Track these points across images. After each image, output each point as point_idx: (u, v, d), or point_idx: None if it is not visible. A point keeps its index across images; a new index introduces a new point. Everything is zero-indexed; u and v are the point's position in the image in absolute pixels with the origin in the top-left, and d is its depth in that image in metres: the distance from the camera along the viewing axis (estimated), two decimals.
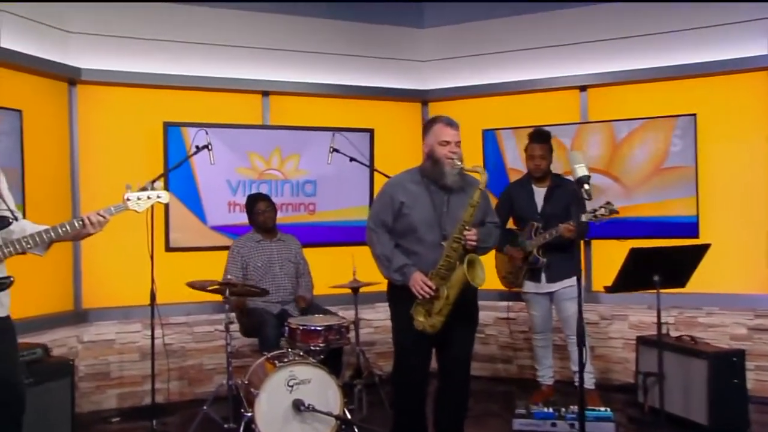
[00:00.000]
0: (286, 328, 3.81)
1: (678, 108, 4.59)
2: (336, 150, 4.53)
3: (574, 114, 4.92)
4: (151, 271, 3.88)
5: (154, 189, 2.81)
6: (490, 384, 4.91)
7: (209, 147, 4.15)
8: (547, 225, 4.04)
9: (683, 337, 4.03)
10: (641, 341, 4.15)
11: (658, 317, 3.35)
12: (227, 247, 4.38)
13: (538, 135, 4.15)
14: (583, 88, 4.87)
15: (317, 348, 3.72)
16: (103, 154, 4.52)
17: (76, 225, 2.59)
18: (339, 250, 4.72)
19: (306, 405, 3.36)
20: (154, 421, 3.90)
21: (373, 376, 4.32)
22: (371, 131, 5.05)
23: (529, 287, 4.20)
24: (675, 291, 3.55)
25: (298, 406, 3.36)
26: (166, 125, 4.54)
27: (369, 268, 3.32)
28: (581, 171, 2.72)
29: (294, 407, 3.36)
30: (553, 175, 4.18)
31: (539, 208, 4.13)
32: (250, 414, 3.37)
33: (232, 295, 3.76)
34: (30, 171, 4.04)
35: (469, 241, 3.03)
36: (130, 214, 2.75)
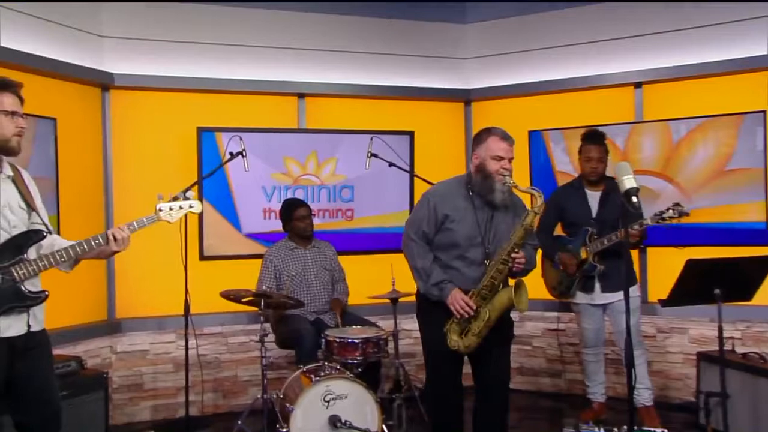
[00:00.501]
0: (323, 340, 3.85)
1: (744, 105, 4.46)
2: (374, 155, 4.55)
3: (628, 113, 4.83)
4: (185, 280, 3.95)
5: (187, 198, 2.85)
6: (536, 399, 4.87)
7: (243, 153, 4.21)
8: (601, 231, 3.97)
9: (750, 354, 3.90)
10: (702, 357, 4.04)
11: (719, 334, 3.26)
12: (262, 256, 4.41)
13: (595, 136, 4.09)
14: (638, 85, 4.79)
15: (355, 361, 3.75)
16: (136, 161, 4.64)
17: (101, 240, 2.65)
18: (378, 258, 4.73)
19: (343, 421, 3.38)
20: None
21: (412, 389, 4.32)
22: (411, 134, 5.06)
23: (581, 298, 4.13)
24: (742, 303, 3.43)
25: (335, 423, 3.38)
26: (200, 130, 4.63)
27: (409, 277, 3.33)
28: (629, 183, 2.69)
29: (330, 424, 3.39)
30: (608, 179, 4.10)
31: (594, 213, 4.05)
32: (284, 430, 3.41)
33: (267, 307, 3.81)
34: (64, 180, 4.18)
35: (517, 265, 3.02)
36: (163, 223, 2.81)
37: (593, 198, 4.09)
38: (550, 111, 5.06)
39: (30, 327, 2.59)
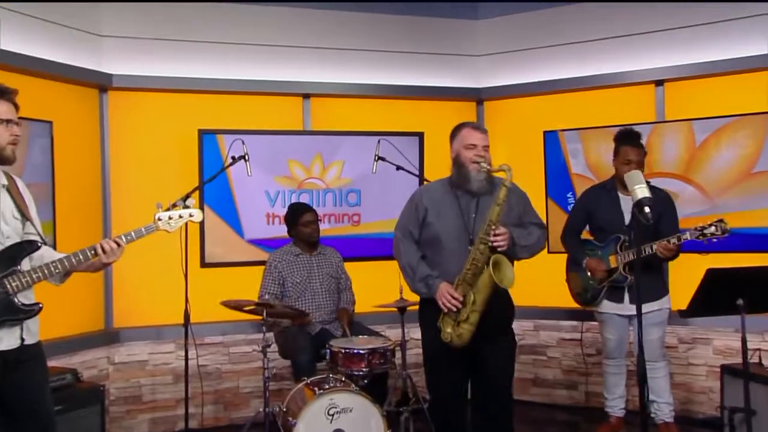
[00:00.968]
0: (328, 351, 3.86)
1: None
2: (381, 158, 4.57)
3: (649, 112, 4.81)
4: (185, 288, 3.97)
5: (187, 206, 2.87)
6: (551, 412, 4.86)
7: (246, 158, 4.24)
8: (633, 239, 3.89)
9: None
10: (726, 370, 4.00)
11: (743, 345, 3.22)
12: (266, 262, 4.43)
13: (632, 136, 4.01)
14: (659, 83, 4.77)
15: (360, 373, 3.76)
16: (135, 165, 4.68)
17: (89, 254, 2.67)
18: (385, 265, 4.67)
19: None
20: None
21: (420, 402, 4.32)
22: (420, 135, 5.06)
23: (607, 307, 4.07)
24: None
25: None
26: (201, 133, 4.66)
27: None
28: (641, 192, 2.71)
29: None
30: None
31: (626, 220, 3.97)
32: None
33: (269, 317, 3.83)
34: (60, 186, 4.22)
35: (496, 241, 3.04)
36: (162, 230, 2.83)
37: (627, 203, 4.00)
38: (565, 110, 5.05)
39: (23, 340, 2.62)
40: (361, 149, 4.89)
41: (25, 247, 2.65)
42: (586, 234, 4.29)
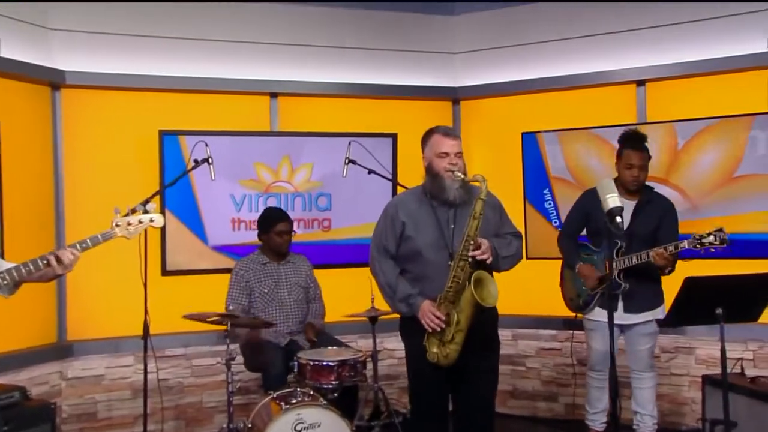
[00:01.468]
0: (296, 363, 3.86)
1: (756, 105, 4.48)
2: (352, 161, 4.58)
3: (630, 113, 4.86)
4: (144, 298, 3.95)
5: (147, 212, 2.85)
6: (530, 425, 4.89)
7: (209, 161, 4.22)
8: (631, 246, 3.90)
9: (760, 379, 3.92)
10: (708, 381, 4.04)
11: (722, 356, 3.27)
12: (231, 270, 4.42)
13: (636, 139, 3.99)
14: (640, 83, 4.82)
15: (329, 386, 3.77)
16: (91, 168, 4.62)
17: (40, 264, 2.63)
18: (356, 272, 4.70)
19: None
20: None
21: (392, 416, 4.34)
22: (394, 136, 5.07)
23: (599, 315, 4.06)
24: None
25: None
26: (162, 134, 4.63)
27: None
28: (613, 202, 2.74)
29: None
30: (645, 187, 4.04)
31: (625, 225, 3.82)
32: None
33: (235, 327, 3.82)
34: (8, 190, 4.15)
35: (479, 257, 3.07)
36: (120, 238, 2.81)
37: (626, 208, 3.82)
38: (544, 111, 5.08)
39: None
40: (331, 151, 4.89)
41: None
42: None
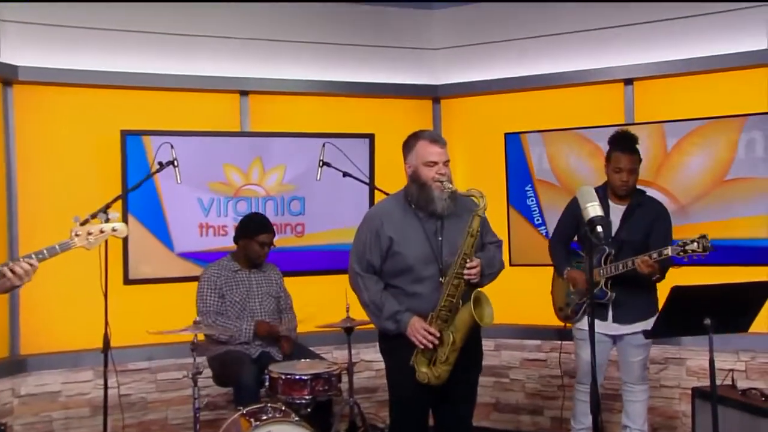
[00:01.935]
0: (267, 377, 3.85)
1: (748, 106, 4.51)
2: (326, 164, 4.57)
3: (617, 113, 4.88)
4: (105, 308, 3.91)
5: (109, 220, 2.83)
6: None
7: (175, 163, 4.20)
8: (620, 253, 3.90)
9: (751, 391, 3.93)
10: (698, 394, 4.06)
11: (711, 368, 3.26)
12: (199, 277, 4.37)
13: (626, 141, 3.98)
14: (628, 82, 4.84)
15: (302, 401, 3.76)
16: (47, 170, 4.57)
17: None
18: (331, 280, 4.74)
19: None
20: None
21: (370, 431, 4.34)
22: (371, 137, 5.08)
23: (587, 324, 3.98)
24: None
25: None
26: (124, 134, 4.59)
27: None
28: (593, 211, 2.75)
29: None
30: (636, 192, 4.05)
31: (614, 231, 3.96)
32: None
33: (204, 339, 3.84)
34: None
35: (469, 276, 3.10)
36: None
37: (616, 213, 4.00)
38: (529, 111, 5.10)
39: None
40: (305, 152, 4.88)
41: None
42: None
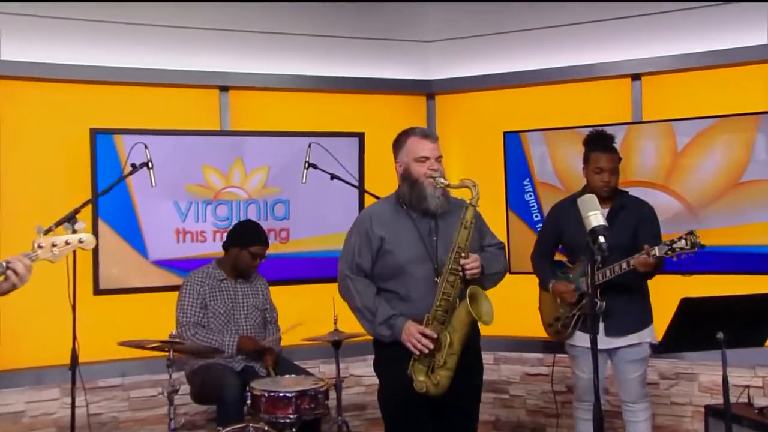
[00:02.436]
0: (249, 394, 3.81)
1: (763, 102, 4.52)
2: (313, 165, 4.57)
3: (624, 111, 4.87)
4: (72, 321, 3.88)
5: (76, 231, 2.83)
6: None
7: (149, 165, 4.18)
8: (606, 259, 3.75)
9: None
10: (711, 412, 4.05)
11: (724, 385, 3.19)
12: (175, 287, 4.37)
13: (604, 140, 4.02)
14: (635, 77, 4.83)
15: (287, 420, 3.73)
16: (7, 173, 4.51)
17: None
18: (318, 289, 4.71)
19: None
20: None
21: None
22: (360, 136, 5.06)
23: (580, 340, 4.04)
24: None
25: None
26: (94, 133, 4.54)
27: None
28: (596, 220, 2.78)
29: None
30: (618, 193, 4.07)
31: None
32: None
33: (178, 353, 3.78)
34: None
35: (468, 271, 3.10)
36: None
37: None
38: (529, 108, 5.10)
39: None
40: (289, 153, 4.87)
41: None
42: None
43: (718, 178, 4.58)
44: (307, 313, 4.55)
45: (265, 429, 3.58)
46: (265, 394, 3.74)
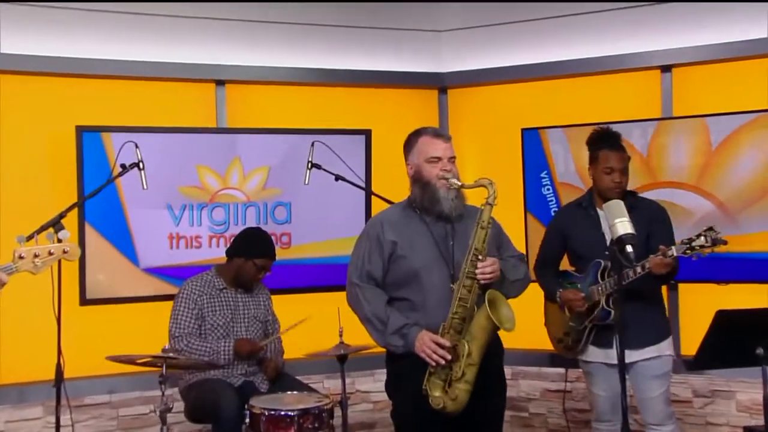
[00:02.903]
0: (248, 413, 3.76)
1: None
2: (316, 165, 4.55)
3: (653, 106, 4.85)
4: (57, 333, 3.83)
5: (60, 240, 2.85)
6: None
7: (140, 166, 4.16)
8: (614, 264, 3.89)
9: None
10: None
11: (765, 403, 3.20)
12: (168, 297, 4.36)
13: (612, 138, 4.00)
14: (666, 68, 4.80)
15: None
16: None
17: None
18: (321, 299, 4.72)
19: None
20: None
21: None
22: (367, 133, 5.05)
23: (593, 355, 4.01)
24: None
25: None
26: (80, 130, 4.52)
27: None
28: (623, 228, 2.77)
29: None
30: (628, 194, 4.03)
31: (608, 241, 3.87)
32: None
33: (170, 368, 3.74)
34: None
35: (484, 274, 3.09)
36: None
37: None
38: (550, 103, 5.10)
39: None
40: (291, 152, 4.87)
41: None
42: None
43: (756, 178, 4.52)
44: (309, 324, 4.46)
45: None
46: (265, 413, 3.70)
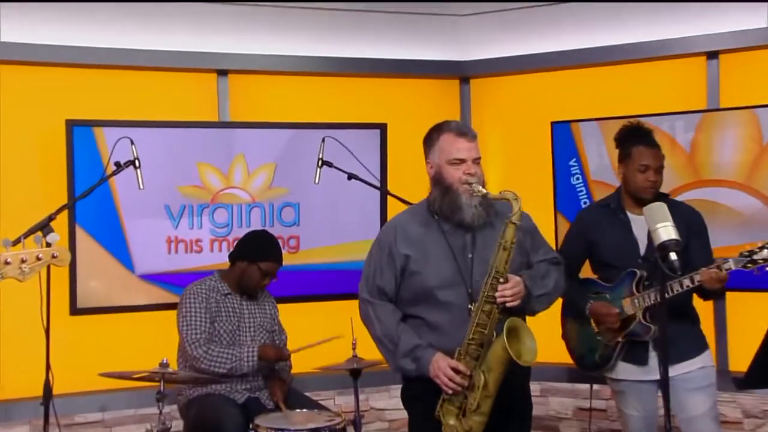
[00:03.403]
0: None
1: None
2: (327, 163, 4.54)
3: (697, 97, 4.82)
4: (46, 347, 3.78)
5: (49, 243, 2.86)
6: None
7: (136, 164, 4.14)
8: (653, 275, 3.77)
9: None
10: None
11: None
12: (166, 306, 4.37)
13: (645, 134, 3.95)
14: (712, 55, 4.78)
15: None
16: None
17: None
18: (332, 308, 4.72)
19: None
20: None
21: None
22: (383, 127, 5.05)
23: (625, 372, 3.94)
24: None
25: None
26: (71, 125, 4.52)
27: None
28: (666, 234, 2.73)
29: None
30: (660, 196, 3.95)
31: (642, 248, 3.89)
32: None
33: (170, 383, 3.73)
34: None
35: (503, 300, 3.05)
36: None
37: (639, 225, 3.87)
38: (582, 93, 5.08)
39: None
40: (300, 148, 4.88)
41: None
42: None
43: None
44: (319, 335, 4.39)
45: None
46: None
